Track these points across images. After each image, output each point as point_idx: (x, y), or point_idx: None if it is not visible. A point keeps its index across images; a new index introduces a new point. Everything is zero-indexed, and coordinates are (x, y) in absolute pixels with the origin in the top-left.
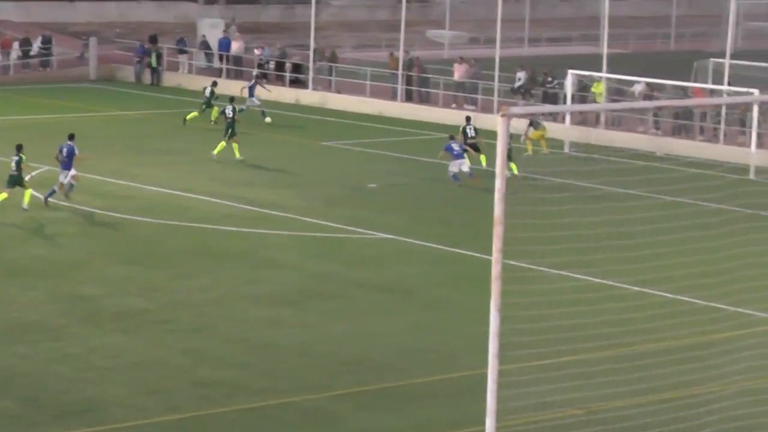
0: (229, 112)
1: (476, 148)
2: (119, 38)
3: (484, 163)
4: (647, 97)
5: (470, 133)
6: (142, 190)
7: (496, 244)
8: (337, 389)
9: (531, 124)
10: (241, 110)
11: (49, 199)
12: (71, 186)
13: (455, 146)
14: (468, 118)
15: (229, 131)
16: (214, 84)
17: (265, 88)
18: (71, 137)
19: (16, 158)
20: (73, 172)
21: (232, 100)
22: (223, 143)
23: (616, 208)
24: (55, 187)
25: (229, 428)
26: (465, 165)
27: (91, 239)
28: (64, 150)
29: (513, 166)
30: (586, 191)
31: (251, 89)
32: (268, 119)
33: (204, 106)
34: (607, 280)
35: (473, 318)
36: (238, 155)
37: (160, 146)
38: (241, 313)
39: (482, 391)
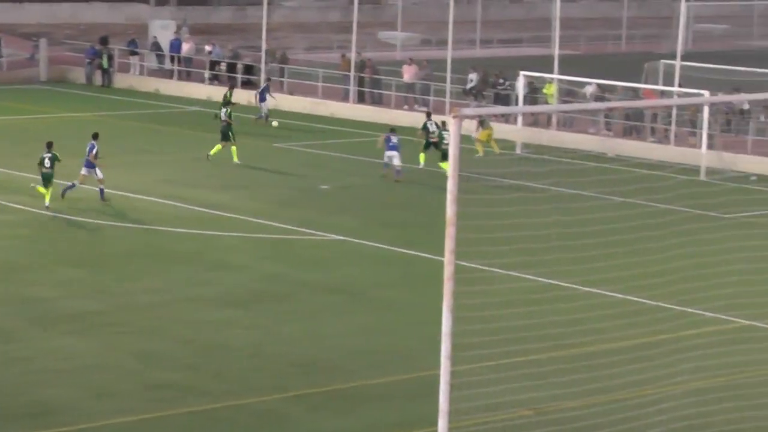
0: (223, 115)
1: (437, 145)
2: (69, 39)
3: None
4: (598, 98)
5: (431, 128)
6: (92, 192)
7: (449, 245)
8: (289, 391)
9: (481, 123)
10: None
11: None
12: (71, 187)
13: (393, 138)
14: (428, 114)
15: (230, 135)
16: (231, 87)
17: (272, 96)
18: (95, 136)
19: (49, 155)
20: (84, 171)
21: (227, 104)
22: (234, 147)
23: (568, 208)
24: (101, 186)
25: (181, 430)
26: (395, 158)
27: (40, 241)
28: (88, 148)
29: (422, 157)
30: (538, 192)
31: (262, 94)
32: (275, 123)
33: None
34: (558, 280)
35: (425, 319)
36: (235, 159)
37: (111, 148)
38: (192, 315)
39: (434, 393)
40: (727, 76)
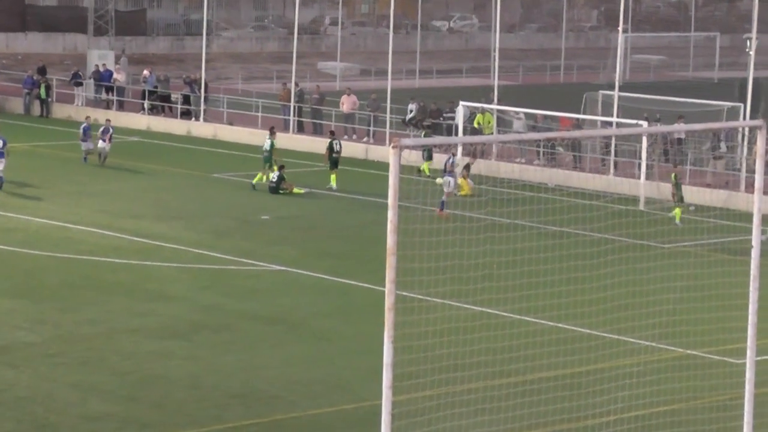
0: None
1: (336, 164)
2: (6, 69)
3: (334, 184)
4: (532, 128)
5: (336, 147)
6: (28, 223)
7: (390, 275)
8: (228, 422)
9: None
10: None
11: None
12: None
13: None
14: (332, 133)
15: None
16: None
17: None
18: None
19: None
20: None
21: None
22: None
23: (504, 237)
24: None
25: None
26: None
27: None
28: None
29: (333, 177)
30: (475, 221)
31: (85, 131)
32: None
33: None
34: (495, 309)
35: (363, 349)
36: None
37: (48, 178)
38: (130, 346)
39: (373, 423)
40: (664, 107)
